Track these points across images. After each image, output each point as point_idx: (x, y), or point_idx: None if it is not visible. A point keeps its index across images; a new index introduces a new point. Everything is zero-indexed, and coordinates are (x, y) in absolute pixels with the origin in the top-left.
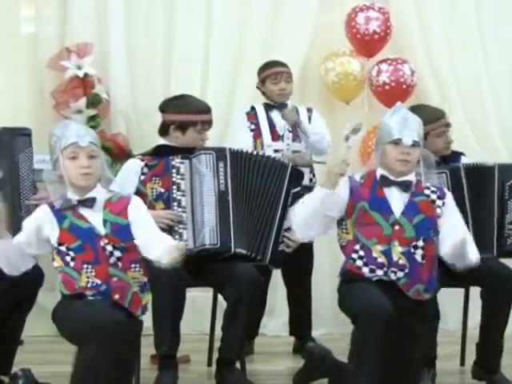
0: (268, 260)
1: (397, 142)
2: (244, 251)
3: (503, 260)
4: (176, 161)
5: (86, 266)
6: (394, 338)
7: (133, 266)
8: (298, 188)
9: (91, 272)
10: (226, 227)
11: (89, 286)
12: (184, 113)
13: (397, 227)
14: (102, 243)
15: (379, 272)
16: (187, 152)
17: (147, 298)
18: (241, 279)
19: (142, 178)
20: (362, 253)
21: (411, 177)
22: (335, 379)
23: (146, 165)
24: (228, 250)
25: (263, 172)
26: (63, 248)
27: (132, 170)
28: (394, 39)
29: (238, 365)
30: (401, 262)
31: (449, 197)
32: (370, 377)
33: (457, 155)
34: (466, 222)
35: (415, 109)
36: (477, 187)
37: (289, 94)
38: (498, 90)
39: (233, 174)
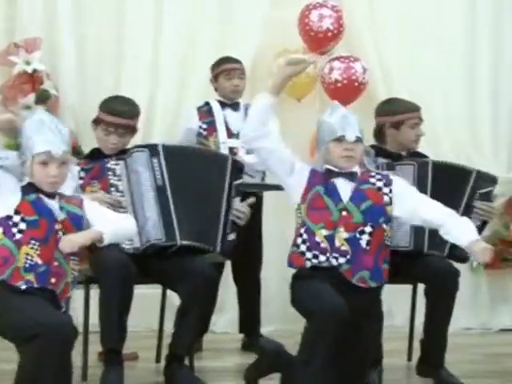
0: (219, 250)
1: (340, 139)
2: (191, 242)
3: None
4: (111, 163)
5: (33, 241)
6: (344, 337)
7: (72, 257)
8: (240, 180)
9: (36, 250)
10: (169, 221)
11: (26, 265)
12: (105, 113)
13: (344, 213)
14: (56, 226)
15: (322, 258)
16: (122, 153)
17: (71, 293)
18: (195, 275)
19: (81, 182)
20: (305, 236)
21: (355, 169)
22: (288, 374)
23: (82, 169)
24: (174, 242)
25: (203, 164)
26: (17, 218)
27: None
28: (347, 37)
29: (186, 361)
30: (343, 248)
31: (396, 182)
32: (319, 374)
33: (422, 156)
34: None
35: (392, 100)
36: (443, 185)
37: (242, 91)
38: (446, 89)
39: (169, 168)
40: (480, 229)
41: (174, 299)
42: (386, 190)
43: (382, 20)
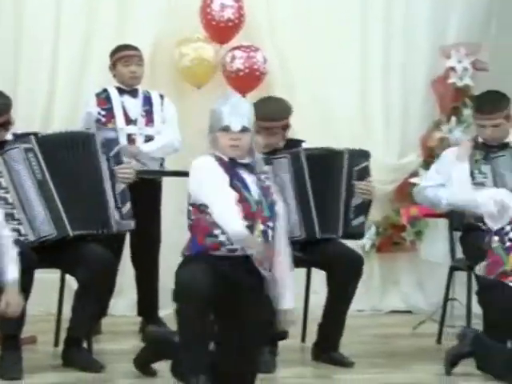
0: (115, 229)
1: (226, 129)
2: (84, 231)
3: (348, 241)
4: None
5: None
6: (237, 313)
7: None
8: (117, 148)
9: None
10: (57, 214)
11: None
12: None
13: (259, 206)
14: None
15: (237, 246)
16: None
17: None
18: (92, 260)
19: None
20: (216, 231)
21: (248, 159)
22: (177, 359)
23: None
24: (66, 235)
25: (73, 148)
26: None
27: None
28: (247, 27)
29: (84, 345)
30: (259, 239)
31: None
32: (198, 356)
33: (298, 142)
34: (308, 205)
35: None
36: (322, 170)
37: (140, 77)
38: (341, 78)
39: (46, 160)
40: (366, 209)
41: (72, 283)
42: (273, 188)
43: (279, 11)
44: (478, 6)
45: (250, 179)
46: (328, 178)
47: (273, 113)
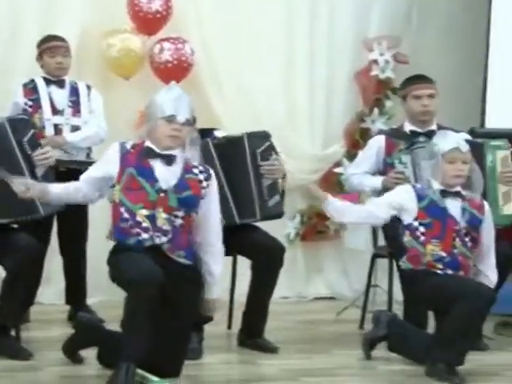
0: (43, 212)
1: (170, 119)
2: (7, 220)
3: (267, 223)
4: None
5: None
6: (166, 302)
7: None
8: (31, 133)
9: None
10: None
11: None
12: None
13: (162, 194)
14: None
15: (145, 235)
16: None
17: None
18: (20, 248)
19: None
20: (126, 215)
21: (176, 152)
22: (104, 348)
23: None
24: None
25: None
26: None
27: None
28: (175, 19)
29: (13, 333)
30: (164, 227)
31: (213, 181)
32: (142, 343)
33: (210, 131)
34: (223, 192)
35: None
36: (229, 158)
37: (66, 68)
38: (266, 71)
39: None
40: (278, 188)
41: (0, 272)
42: (204, 184)
43: (205, 3)
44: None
45: (162, 169)
46: (235, 163)
47: None
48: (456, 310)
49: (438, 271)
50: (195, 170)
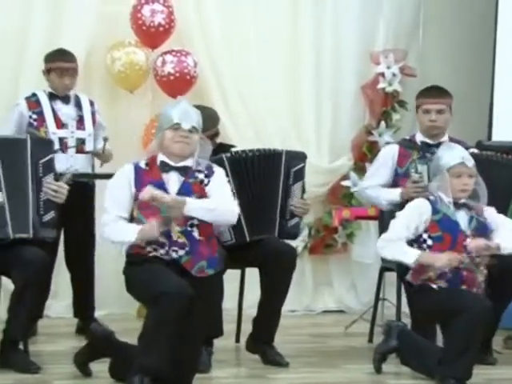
0: (31, 234)
1: (176, 128)
2: (24, 235)
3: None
4: None
5: None
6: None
7: None
8: (49, 156)
9: None
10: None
11: None
12: None
13: None
14: None
15: (161, 251)
16: None
17: None
18: (28, 262)
19: None
20: None
21: (189, 162)
22: (117, 359)
23: None
24: (7, 237)
25: (7, 153)
26: None
27: None
28: (178, 31)
29: (21, 346)
30: (180, 240)
31: (217, 174)
32: (161, 358)
33: (228, 147)
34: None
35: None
36: (262, 171)
37: (72, 87)
38: (271, 83)
39: None
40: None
41: (9, 285)
42: (206, 181)
43: (208, 15)
44: (405, 13)
45: (175, 181)
46: (268, 179)
47: None
48: (454, 324)
49: (434, 286)
50: (196, 174)
